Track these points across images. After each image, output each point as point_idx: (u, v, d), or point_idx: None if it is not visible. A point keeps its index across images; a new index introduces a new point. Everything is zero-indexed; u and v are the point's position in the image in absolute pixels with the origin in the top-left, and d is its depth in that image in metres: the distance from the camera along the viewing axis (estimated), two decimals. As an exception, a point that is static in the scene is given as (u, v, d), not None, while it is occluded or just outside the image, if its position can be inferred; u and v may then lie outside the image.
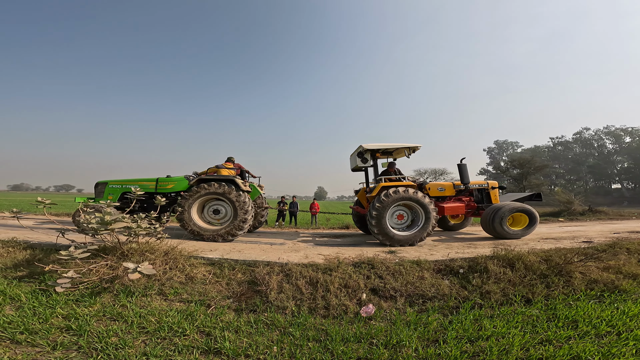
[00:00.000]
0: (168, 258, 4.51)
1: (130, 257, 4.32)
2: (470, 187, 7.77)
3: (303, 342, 2.90)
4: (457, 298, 3.90)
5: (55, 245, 5.12)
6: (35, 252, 4.91)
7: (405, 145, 7.22)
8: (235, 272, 4.44)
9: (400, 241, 6.42)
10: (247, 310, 3.62)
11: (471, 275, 4.32)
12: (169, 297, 3.78)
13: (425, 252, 5.64)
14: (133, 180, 8.05)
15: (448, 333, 3.05)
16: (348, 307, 3.72)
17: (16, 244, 5.20)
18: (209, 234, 6.78)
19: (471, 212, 7.87)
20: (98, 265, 4.07)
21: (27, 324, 2.90)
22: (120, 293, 3.68)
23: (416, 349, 2.81)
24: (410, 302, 3.88)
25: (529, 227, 6.96)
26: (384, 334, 3.11)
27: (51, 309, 3.20)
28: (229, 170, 7.75)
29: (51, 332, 2.82)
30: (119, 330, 2.91)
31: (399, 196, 6.45)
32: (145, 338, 2.83)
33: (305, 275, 4.24)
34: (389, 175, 7.47)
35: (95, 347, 2.62)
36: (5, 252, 4.87)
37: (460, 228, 9.32)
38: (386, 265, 4.56)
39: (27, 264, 4.41)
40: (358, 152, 7.34)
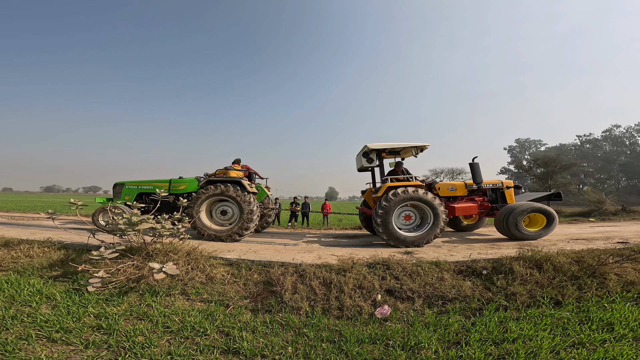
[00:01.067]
0: (190, 258, 4.63)
1: (155, 258, 4.46)
2: (484, 186, 7.50)
3: (317, 343, 2.90)
4: (480, 299, 3.77)
5: (86, 245, 5.38)
6: (68, 252, 5.16)
7: (412, 144, 7.08)
8: (252, 273, 4.50)
9: (407, 242, 6.29)
10: (263, 310, 3.66)
11: (495, 276, 4.16)
12: (191, 297, 3.87)
13: (444, 252, 5.49)
14: (148, 181, 8.42)
15: (471, 335, 2.95)
16: (362, 308, 3.68)
17: (51, 244, 5.48)
18: (216, 234, 6.93)
19: (485, 212, 7.61)
20: (125, 266, 4.23)
21: (62, 322, 3.02)
22: (146, 293, 3.80)
23: (436, 351, 2.74)
24: (429, 304, 3.78)
25: (547, 228, 6.62)
26: (400, 335, 3.05)
27: (84, 308, 3.33)
28: (236, 172, 7.91)
29: (84, 330, 2.93)
30: (145, 330, 2.99)
31: (405, 196, 6.33)
32: (169, 337, 2.90)
33: (319, 275, 4.24)
34: (396, 175, 7.34)
35: (124, 346, 2.70)
36: (41, 252, 5.14)
37: (473, 229, 9.00)
38: (403, 266, 4.48)
39: (61, 263, 4.66)
40: (363, 152, 7.26)
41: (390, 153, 7.70)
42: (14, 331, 2.84)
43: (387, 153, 7.60)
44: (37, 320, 3.02)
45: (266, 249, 5.98)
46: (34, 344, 2.67)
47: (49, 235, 6.04)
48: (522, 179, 64.56)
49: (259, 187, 8.70)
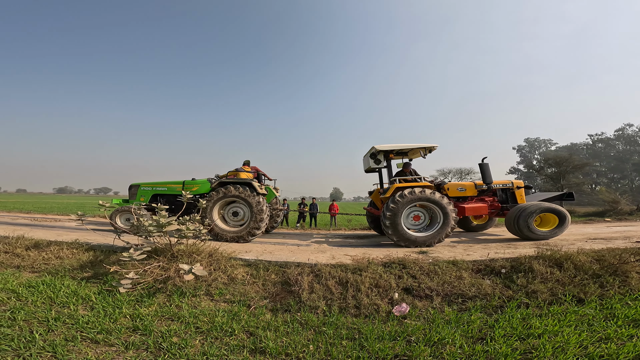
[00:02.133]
0: (212, 259, 4.75)
1: (179, 259, 4.57)
2: (494, 186, 7.48)
3: (337, 341, 2.95)
4: (501, 297, 3.80)
5: (112, 246, 5.53)
6: (96, 253, 5.32)
7: (421, 145, 7.11)
8: (269, 273, 4.59)
9: (418, 242, 6.31)
10: (282, 310, 3.71)
11: (515, 275, 4.19)
12: (215, 298, 3.96)
13: (460, 252, 5.52)
14: (162, 183, 8.65)
15: (495, 331, 2.99)
16: (380, 306, 3.73)
17: (79, 246, 5.64)
18: (230, 235, 7.05)
19: (495, 212, 7.58)
20: (152, 267, 4.35)
21: (102, 324, 3.08)
22: (173, 294, 3.89)
23: (461, 346, 2.79)
24: (448, 302, 3.83)
25: (559, 228, 6.57)
26: (422, 332, 3.09)
27: (118, 309, 3.40)
28: (247, 174, 8.06)
29: (122, 331, 2.98)
30: (179, 330, 3.05)
31: (414, 197, 6.36)
32: (201, 338, 2.95)
33: (334, 275, 4.31)
34: (404, 176, 7.37)
35: (162, 347, 2.75)
36: (70, 253, 5.31)
37: (483, 229, 8.96)
38: (419, 265, 4.53)
39: (91, 265, 4.81)
40: (371, 154, 7.31)
41: (398, 154, 7.77)
42: (59, 333, 2.91)
43: (395, 154, 7.66)
44: (79, 321, 3.09)
45: (280, 249, 6.08)
46: (79, 345, 2.74)
47: (75, 237, 6.18)
48: (532, 178, 63.44)
49: (267, 188, 8.84)
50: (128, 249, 5.15)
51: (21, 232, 6.28)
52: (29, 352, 2.55)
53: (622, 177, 66.63)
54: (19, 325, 2.98)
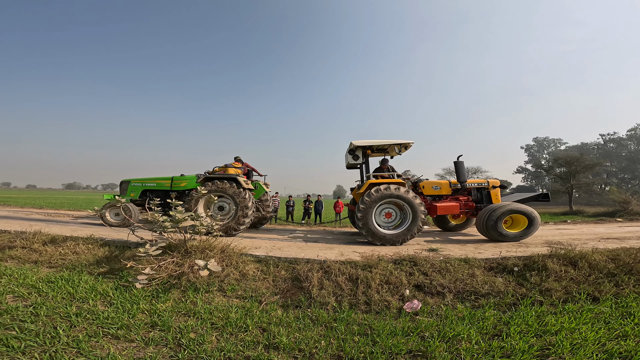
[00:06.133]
0: (224, 255, 4.76)
1: (192, 254, 4.60)
2: (468, 185, 7.41)
3: (349, 337, 2.96)
4: (515, 295, 3.78)
5: (126, 242, 5.60)
6: (111, 248, 5.39)
7: (396, 141, 7.10)
8: (279, 269, 4.61)
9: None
10: (293, 306, 3.73)
11: (528, 273, 4.18)
12: (227, 293, 3.98)
13: (471, 250, 5.52)
14: (151, 179, 8.82)
15: (510, 328, 3.00)
16: (390, 302, 3.73)
17: (94, 241, 5.70)
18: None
19: (470, 212, 7.52)
20: (166, 262, 4.37)
21: (121, 319, 3.07)
22: (188, 289, 3.92)
23: (477, 342, 2.79)
24: (461, 299, 3.82)
25: (528, 229, 6.44)
26: (435, 328, 3.10)
27: (136, 305, 3.42)
28: (236, 169, 8.11)
29: (141, 327, 2.97)
30: (195, 326, 3.06)
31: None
32: (217, 334, 2.97)
33: (344, 272, 4.33)
34: (382, 172, 7.35)
35: (180, 343, 2.75)
36: (86, 248, 5.36)
37: (462, 229, 8.86)
38: (431, 262, 4.53)
39: (106, 260, 4.89)
40: (349, 150, 7.30)
41: (379, 151, 7.77)
42: (81, 328, 2.92)
43: (374, 151, 7.66)
44: (100, 317, 3.11)
45: (289, 246, 6.10)
46: (101, 341, 2.73)
47: (91, 232, 6.28)
48: (540, 178, 62.46)
49: (257, 183, 8.89)
50: (142, 245, 5.22)
51: (37, 228, 6.40)
52: (54, 348, 2.55)
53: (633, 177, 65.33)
54: (42, 320, 3.00)
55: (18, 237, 5.70)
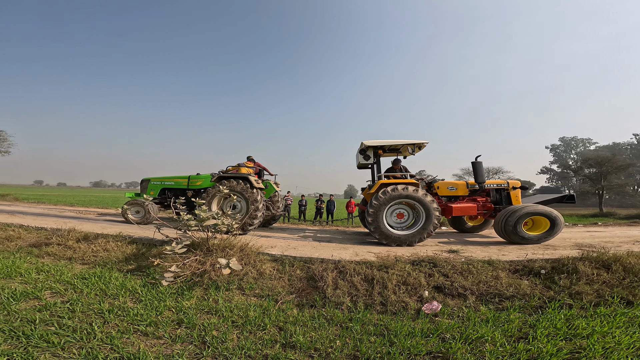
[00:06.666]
0: (243, 254, 4.84)
1: (214, 253, 4.70)
2: (486, 186, 7.18)
3: (365, 337, 2.94)
4: (542, 298, 3.65)
5: (152, 240, 5.80)
6: (138, 246, 5.60)
7: (409, 141, 6.95)
8: (295, 269, 4.64)
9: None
10: (308, 305, 3.74)
11: (556, 276, 4.03)
12: (246, 292, 4.04)
13: (494, 252, 5.36)
14: (170, 178, 9.07)
15: (537, 330, 2.90)
16: (408, 303, 3.68)
17: (122, 239, 5.89)
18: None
19: (488, 213, 7.27)
20: (190, 260, 4.50)
21: (150, 316, 3.13)
22: (210, 287, 4.01)
23: (502, 345, 2.72)
24: (483, 301, 3.72)
25: (550, 232, 6.13)
26: (457, 330, 3.03)
27: (162, 302, 3.48)
28: (247, 169, 8.27)
29: (167, 324, 3.02)
30: (218, 324, 3.10)
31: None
32: (237, 332, 3.00)
33: (359, 272, 4.31)
34: (394, 172, 7.25)
35: (205, 341, 2.79)
36: (116, 246, 5.55)
37: (479, 231, 8.57)
38: (452, 264, 4.44)
39: (134, 257, 5.10)
40: (360, 150, 7.24)
41: (391, 151, 7.67)
42: (113, 325, 2.98)
43: (386, 151, 7.57)
44: (130, 314, 3.17)
45: (303, 245, 6.11)
46: (131, 337, 2.78)
47: (119, 230, 6.53)
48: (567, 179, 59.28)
49: (267, 183, 8.99)
50: (167, 242, 5.43)
51: (71, 225, 6.74)
52: (90, 344, 2.62)
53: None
54: (78, 316, 3.09)
55: (54, 234, 6.02)
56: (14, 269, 4.32)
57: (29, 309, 3.20)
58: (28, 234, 6.40)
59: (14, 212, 10.24)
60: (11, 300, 3.33)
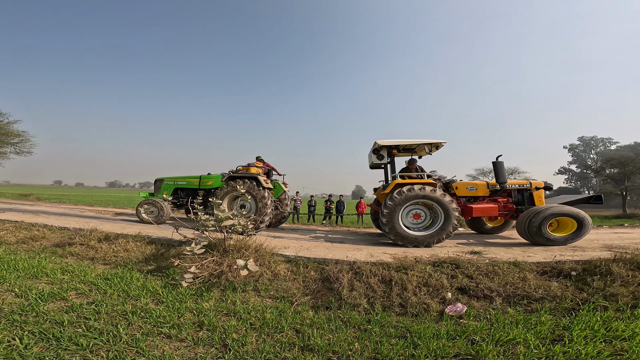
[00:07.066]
0: (258, 255, 4.81)
1: (230, 253, 4.69)
2: (508, 187, 6.93)
3: (385, 339, 2.86)
4: (574, 300, 3.49)
5: (169, 240, 5.82)
6: (157, 246, 5.64)
7: (426, 141, 6.80)
8: (309, 270, 4.57)
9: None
10: (323, 307, 3.69)
11: (589, 277, 3.85)
12: (261, 293, 4.00)
13: (518, 253, 5.17)
14: (182, 177, 9.20)
15: (573, 332, 2.76)
16: (430, 305, 3.58)
17: (141, 239, 5.91)
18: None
19: (509, 214, 7.01)
20: (207, 261, 4.50)
21: (172, 318, 3.09)
22: (227, 289, 3.98)
23: (536, 347, 2.60)
24: (511, 303, 3.59)
25: (577, 233, 5.86)
26: (486, 332, 2.92)
27: (183, 304, 3.45)
28: (257, 168, 8.27)
29: (189, 326, 2.98)
30: (237, 326, 3.06)
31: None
32: (255, 334, 2.95)
33: (376, 273, 4.22)
34: (409, 172, 7.09)
35: (226, 344, 2.75)
36: (135, 246, 5.59)
37: (499, 232, 8.29)
38: (476, 265, 4.30)
39: (153, 258, 5.15)
40: (373, 149, 7.11)
41: (405, 150, 7.54)
42: (136, 327, 2.95)
43: (401, 150, 7.45)
44: (153, 315, 3.14)
45: (316, 246, 6.03)
46: (155, 340, 2.75)
47: (137, 230, 6.59)
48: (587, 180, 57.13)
49: (276, 183, 8.98)
50: (185, 243, 5.47)
51: (92, 225, 6.86)
52: (116, 346, 2.59)
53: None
54: (104, 318, 3.08)
55: (77, 234, 6.14)
56: (39, 269, 4.42)
57: (57, 310, 3.22)
58: (52, 234, 6.58)
59: (38, 212, 10.55)
60: (39, 301, 3.36)
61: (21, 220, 7.74)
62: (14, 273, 4.23)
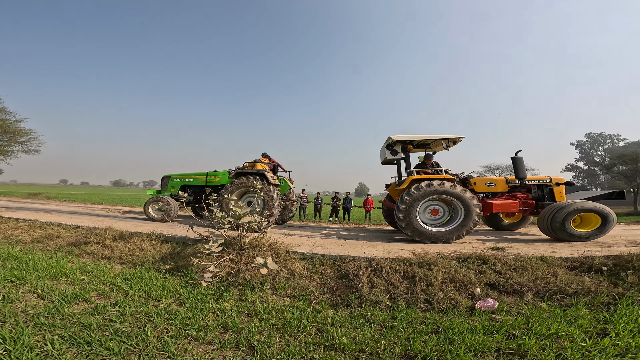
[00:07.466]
0: (273, 253, 4.73)
1: (245, 252, 4.60)
2: (528, 182, 6.81)
3: (414, 335, 2.78)
4: (610, 294, 3.38)
5: (184, 238, 5.73)
6: (172, 245, 5.56)
7: (443, 136, 6.67)
8: (325, 267, 4.49)
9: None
10: (343, 305, 3.61)
11: (622, 272, 3.74)
12: (279, 292, 3.92)
13: (543, 249, 5.06)
14: (189, 174, 9.20)
15: (618, 326, 2.68)
16: (458, 301, 3.49)
17: (156, 237, 5.84)
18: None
19: (529, 210, 6.87)
20: (224, 260, 4.41)
21: (198, 320, 3.01)
22: (245, 288, 3.91)
23: (583, 340, 2.52)
24: (543, 298, 3.48)
25: (601, 229, 5.75)
26: (524, 327, 2.84)
27: (207, 304, 3.37)
28: (263, 165, 8.22)
29: (214, 328, 2.89)
30: (260, 327, 2.97)
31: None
32: (278, 335, 2.86)
33: (397, 269, 4.14)
34: (424, 167, 6.97)
35: (252, 345, 2.66)
36: (150, 245, 5.51)
37: (516, 228, 8.15)
38: (503, 260, 4.20)
39: (169, 257, 5.07)
40: (387, 145, 7.00)
41: (420, 146, 7.44)
42: (162, 329, 2.86)
43: (415, 146, 7.34)
44: (178, 317, 3.05)
45: (329, 243, 5.93)
46: (183, 343, 2.66)
47: (150, 228, 6.53)
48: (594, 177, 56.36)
49: (282, 179, 8.88)
50: (199, 241, 5.40)
51: (105, 224, 6.81)
52: (146, 351, 2.51)
53: None
54: (129, 320, 2.98)
55: (92, 232, 6.12)
56: (58, 269, 4.37)
57: (81, 311, 3.14)
58: (66, 233, 6.56)
59: (50, 211, 10.58)
60: (63, 302, 3.30)
61: (35, 219, 7.75)
62: (33, 273, 4.18)
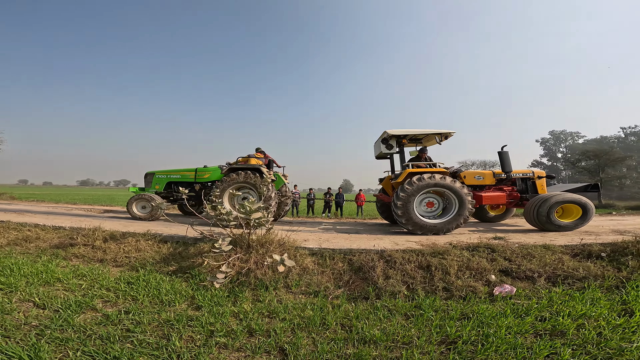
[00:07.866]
0: (283, 249, 4.59)
1: (253, 249, 4.42)
2: (513, 176, 7.23)
3: (446, 322, 2.80)
4: (617, 278, 3.60)
5: (183, 237, 5.40)
6: (172, 245, 5.22)
7: (436, 131, 6.93)
8: (336, 262, 4.44)
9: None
10: (361, 298, 3.59)
11: (622, 258, 4.00)
12: (292, 289, 3.81)
13: (538, 238, 5.32)
14: (176, 171, 8.67)
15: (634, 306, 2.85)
16: (476, 288, 3.57)
17: (152, 237, 5.46)
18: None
19: (514, 202, 7.30)
20: (233, 258, 4.21)
21: (223, 326, 2.84)
22: (258, 287, 3.75)
23: (614, 319, 2.69)
24: (554, 283, 3.65)
25: (583, 219, 6.21)
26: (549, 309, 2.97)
27: (227, 308, 3.21)
28: (257, 160, 8.07)
29: (240, 333, 2.74)
30: (285, 328, 2.85)
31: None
32: (305, 335, 2.75)
33: (410, 260, 4.18)
34: (418, 161, 7.21)
35: (283, 349, 2.54)
36: (147, 245, 5.15)
37: (501, 220, 8.64)
38: (511, 249, 4.37)
39: (172, 257, 4.76)
40: (382, 139, 7.13)
41: (412, 140, 7.64)
42: (188, 338, 2.67)
43: (409, 140, 7.52)
44: (202, 323, 2.86)
45: (335, 237, 5.89)
46: (214, 350, 2.51)
47: (141, 228, 6.18)
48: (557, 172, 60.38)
49: (276, 175, 8.74)
50: (201, 240, 5.12)
51: (89, 224, 6.30)
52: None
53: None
54: (149, 330, 2.75)
55: (78, 233, 5.62)
56: (49, 274, 3.97)
57: (92, 322, 2.84)
58: (47, 234, 5.99)
59: (20, 211, 9.65)
60: (68, 311, 2.99)
61: (7, 220, 6.99)
62: (22, 279, 3.77)
